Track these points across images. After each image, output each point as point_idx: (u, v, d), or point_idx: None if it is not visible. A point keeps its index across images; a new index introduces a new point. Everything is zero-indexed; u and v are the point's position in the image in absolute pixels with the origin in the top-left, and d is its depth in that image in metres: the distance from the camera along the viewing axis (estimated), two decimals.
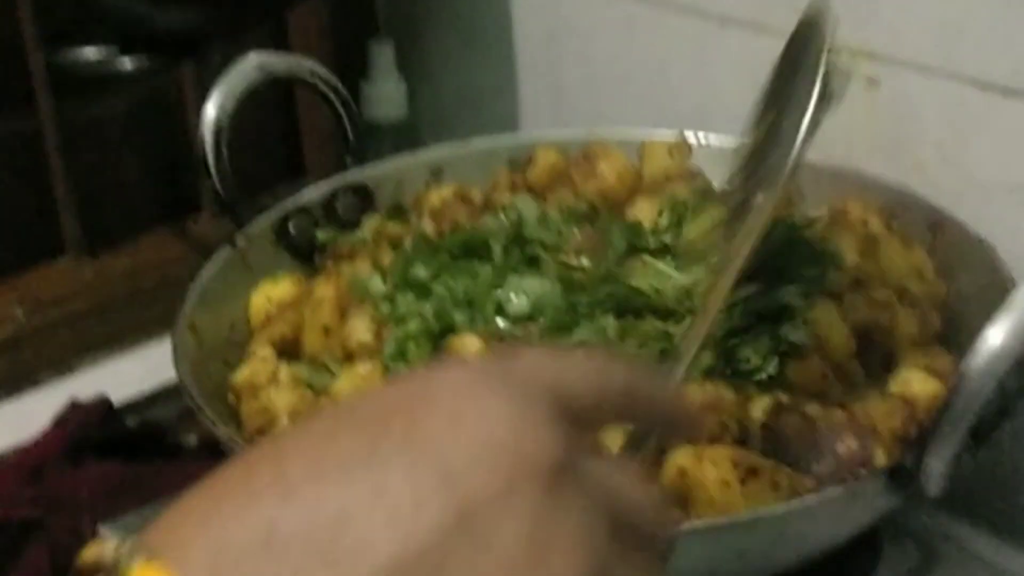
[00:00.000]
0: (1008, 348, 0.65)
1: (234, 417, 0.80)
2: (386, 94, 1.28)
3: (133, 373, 1.16)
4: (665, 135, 1.02)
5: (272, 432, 0.74)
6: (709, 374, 0.74)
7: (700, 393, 0.72)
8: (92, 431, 1.05)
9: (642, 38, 1.11)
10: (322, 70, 0.99)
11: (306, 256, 0.96)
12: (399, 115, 1.29)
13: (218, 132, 0.93)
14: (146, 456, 1.05)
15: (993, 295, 0.83)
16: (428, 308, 0.78)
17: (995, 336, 0.65)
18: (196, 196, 1.26)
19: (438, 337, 0.77)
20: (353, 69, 1.28)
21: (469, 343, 0.74)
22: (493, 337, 0.76)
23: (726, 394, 0.73)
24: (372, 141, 1.29)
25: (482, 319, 0.79)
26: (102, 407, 1.07)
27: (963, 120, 0.92)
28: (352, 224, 0.98)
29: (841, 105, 0.97)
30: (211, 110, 0.93)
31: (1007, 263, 0.86)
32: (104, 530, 0.92)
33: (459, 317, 0.78)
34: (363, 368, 0.76)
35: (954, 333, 0.86)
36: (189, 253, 1.23)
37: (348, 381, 0.76)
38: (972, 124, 0.92)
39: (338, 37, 1.27)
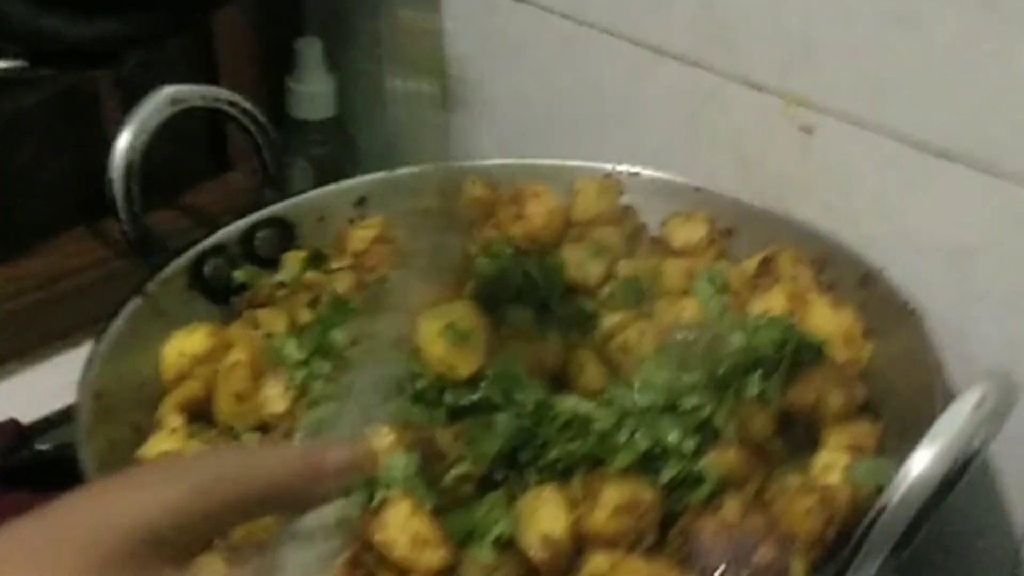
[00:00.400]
0: (931, 475, 0.64)
1: None
2: (315, 92, 1.24)
3: (47, 387, 1.12)
4: (596, 170, 1.00)
5: None
6: (626, 471, 0.73)
7: (617, 494, 0.71)
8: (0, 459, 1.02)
9: (575, 59, 1.07)
10: (240, 100, 0.95)
11: (222, 298, 0.93)
12: (327, 113, 1.26)
13: (128, 171, 0.90)
14: (60, 483, 1.03)
15: (918, 368, 0.83)
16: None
17: (919, 463, 0.64)
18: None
19: None
20: (280, 67, 1.25)
21: (383, 435, 0.72)
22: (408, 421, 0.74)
23: (644, 494, 0.71)
24: (300, 139, 1.26)
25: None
26: (10, 431, 1.04)
27: (898, 177, 0.90)
28: (271, 261, 0.95)
29: (776, 150, 0.97)
30: (121, 148, 0.89)
31: (935, 325, 0.85)
32: None
33: None
34: None
35: (878, 399, 0.85)
36: (108, 256, 1.20)
37: None
38: (906, 182, 0.90)
39: (265, 35, 1.23)
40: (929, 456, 0.64)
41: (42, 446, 1.04)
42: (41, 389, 1.12)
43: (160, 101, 0.90)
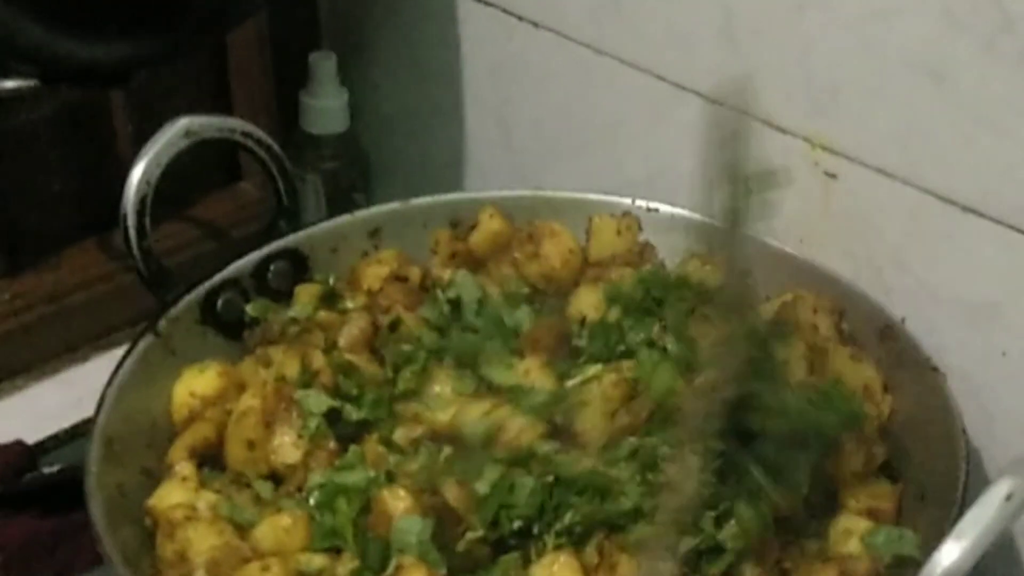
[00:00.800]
0: (959, 570, 0.64)
1: (150, 541, 0.77)
2: (328, 107, 1.22)
3: (55, 403, 1.12)
4: (614, 205, 0.99)
5: None
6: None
7: (635, 566, 0.70)
8: (5, 482, 1.01)
9: (595, 88, 1.06)
10: (255, 130, 0.94)
11: (235, 333, 0.92)
12: (340, 128, 1.24)
13: (142, 206, 0.88)
14: (67, 505, 1.02)
15: (939, 428, 0.82)
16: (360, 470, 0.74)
17: (947, 556, 0.64)
18: None
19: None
20: (294, 81, 1.23)
21: (399, 499, 0.71)
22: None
23: (663, 567, 0.71)
24: (312, 154, 1.24)
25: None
26: (16, 452, 1.03)
27: (921, 229, 0.89)
28: (285, 294, 0.94)
29: (798, 193, 0.95)
30: (134, 183, 0.88)
31: (954, 379, 0.84)
32: None
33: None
34: (285, 521, 0.73)
35: (896, 457, 0.85)
36: (117, 270, 1.18)
37: (270, 530, 0.73)
38: (930, 234, 0.88)
39: (279, 48, 1.21)
40: (958, 551, 0.63)
41: (49, 468, 1.04)
42: (49, 405, 1.11)
43: (174, 134, 0.89)
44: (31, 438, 1.04)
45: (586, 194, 1.00)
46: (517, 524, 0.72)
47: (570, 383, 0.81)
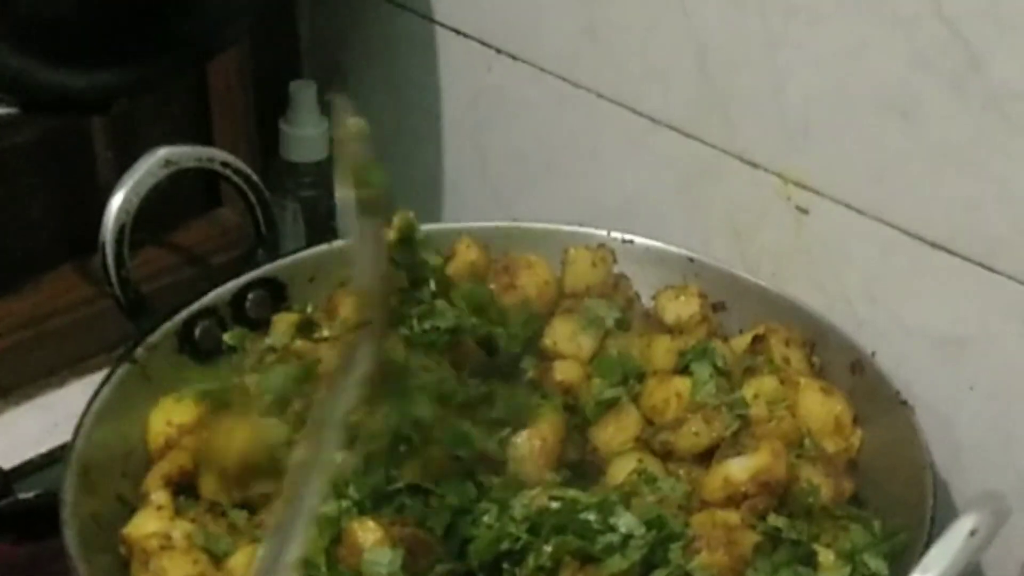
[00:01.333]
0: None
1: (125, 570, 0.78)
2: (307, 135, 1.23)
3: (31, 428, 1.12)
4: (590, 236, 1.00)
5: None
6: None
7: None
8: None
9: (572, 120, 1.07)
10: (234, 160, 0.95)
11: (213, 361, 0.92)
12: (319, 156, 1.25)
13: (120, 236, 0.89)
14: (43, 531, 1.02)
15: (906, 460, 0.83)
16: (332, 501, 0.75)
17: None
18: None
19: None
20: (274, 109, 1.24)
21: (368, 530, 0.72)
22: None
23: None
24: (291, 181, 1.25)
25: None
26: None
27: (891, 264, 0.90)
28: (263, 323, 0.95)
29: (771, 227, 0.97)
30: (113, 212, 0.89)
31: (923, 411, 0.85)
32: None
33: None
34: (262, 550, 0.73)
35: (866, 489, 0.86)
36: (95, 295, 1.19)
37: (245, 560, 0.74)
38: (900, 270, 0.90)
39: (259, 77, 1.22)
40: None
41: (25, 494, 1.04)
42: (26, 430, 1.11)
43: (154, 163, 0.89)
44: (7, 463, 1.04)
45: (561, 225, 1.01)
46: (486, 557, 0.73)
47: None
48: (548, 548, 0.73)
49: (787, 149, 0.93)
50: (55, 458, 1.06)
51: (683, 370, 0.90)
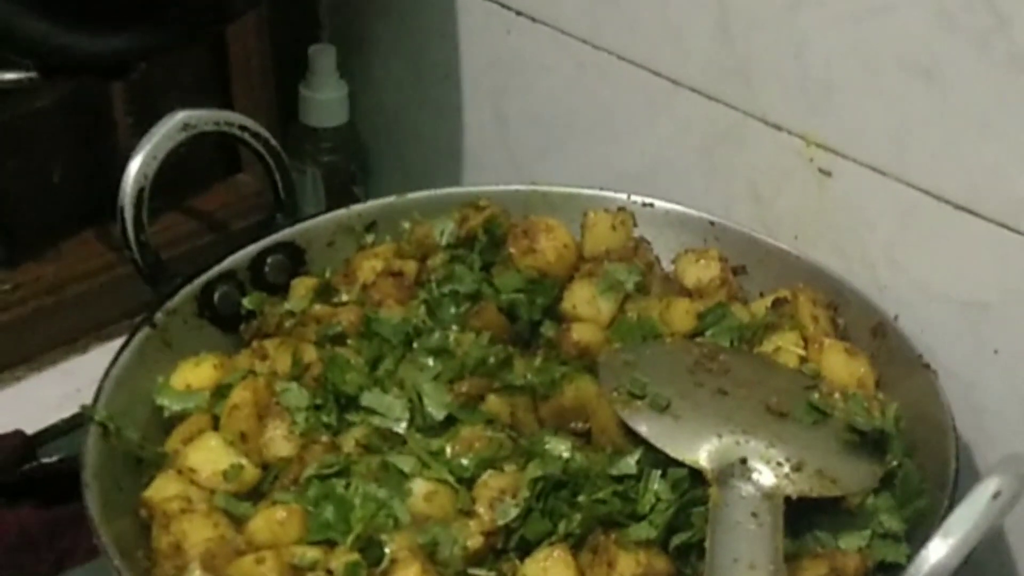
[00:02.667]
0: (946, 567, 0.64)
1: (145, 533, 0.78)
2: (327, 100, 1.23)
3: (54, 394, 1.12)
4: (609, 200, 0.99)
5: None
6: (648, 544, 0.73)
7: (634, 563, 0.71)
8: (3, 472, 1.01)
9: (592, 83, 1.06)
10: (253, 124, 0.94)
11: (232, 326, 0.92)
12: (339, 120, 1.24)
13: (139, 200, 0.88)
14: (66, 496, 1.02)
15: (929, 424, 0.83)
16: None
17: (935, 553, 0.64)
18: None
19: None
20: (293, 73, 1.23)
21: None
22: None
23: (660, 564, 0.71)
24: (311, 146, 1.25)
25: None
26: (15, 442, 1.04)
27: (914, 226, 0.89)
28: (281, 288, 0.94)
29: (793, 190, 0.96)
30: (132, 176, 0.88)
31: (945, 375, 0.85)
32: None
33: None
34: (280, 514, 0.74)
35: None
36: (116, 261, 1.19)
37: (265, 523, 0.74)
38: (923, 232, 0.89)
39: (278, 41, 1.21)
40: (945, 548, 0.64)
41: (47, 458, 1.04)
42: (48, 396, 1.11)
43: (172, 127, 0.89)
44: (30, 428, 1.04)
45: (581, 189, 1.00)
46: (515, 512, 0.73)
47: None
48: (578, 516, 0.73)
49: (809, 111, 0.92)
50: (77, 423, 1.06)
51: (701, 333, 0.90)
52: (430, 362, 0.82)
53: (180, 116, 0.90)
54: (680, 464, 0.76)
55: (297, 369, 0.84)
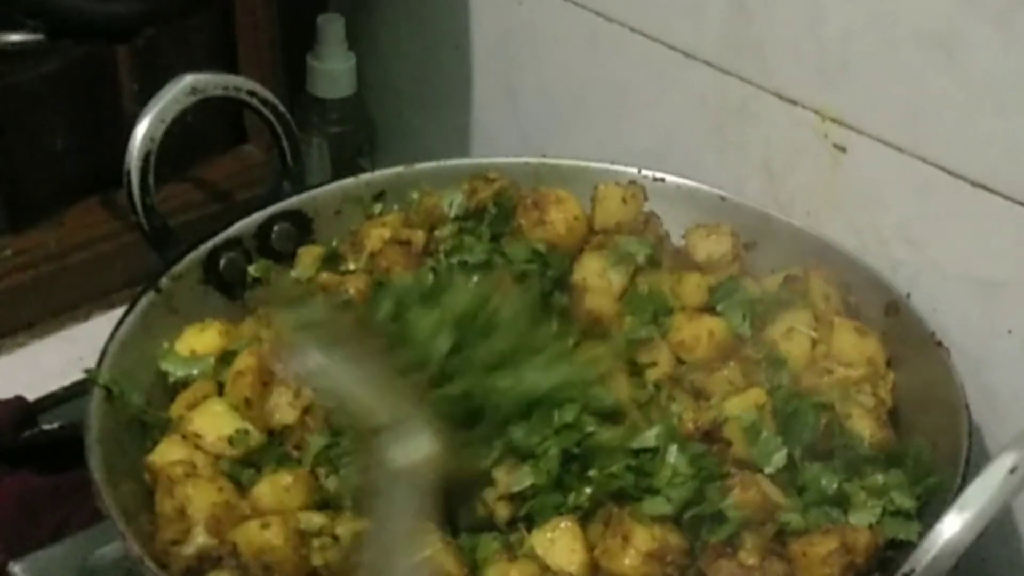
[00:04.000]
0: (961, 541, 0.64)
1: (149, 497, 0.77)
2: (335, 70, 1.22)
3: (55, 361, 1.11)
4: (620, 174, 0.98)
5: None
6: (663, 520, 0.72)
7: (649, 538, 0.70)
8: (4, 438, 1.00)
9: (604, 56, 1.05)
10: (260, 89, 0.93)
11: (237, 293, 0.91)
12: (347, 91, 1.23)
13: (145, 163, 0.88)
14: (66, 463, 1.01)
15: (941, 402, 0.82)
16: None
17: (950, 527, 0.64)
18: None
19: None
20: (301, 43, 1.22)
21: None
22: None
23: (674, 540, 0.71)
24: (318, 117, 1.23)
25: None
26: (16, 408, 1.03)
27: (930, 204, 0.88)
28: (287, 256, 0.94)
29: (807, 166, 0.95)
30: (139, 139, 0.87)
31: (958, 355, 0.84)
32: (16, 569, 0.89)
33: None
34: (285, 480, 0.73)
35: (899, 432, 0.84)
36: (121, 229, 1.18)
37: (270, 489, 0.73)
38: (938, 210, 0.88)
39: (286, 10, 1.20)
40: (960, 522, 0.63)
41: (48, 425, 1.03)
42: (50, 363, 1.11)
43: (179, 91, 0.88)
44: (31, 395, 1.03)
45: (591, 162, 0.99)
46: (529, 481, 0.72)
47: None
48: (588, 490, 0.72)
49: (825, 85, 0.91)
50: (78, 391, 1.06)
51: (713, 308, 0.89)
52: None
53: (188, 79, 0.89)
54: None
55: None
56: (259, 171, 1.23)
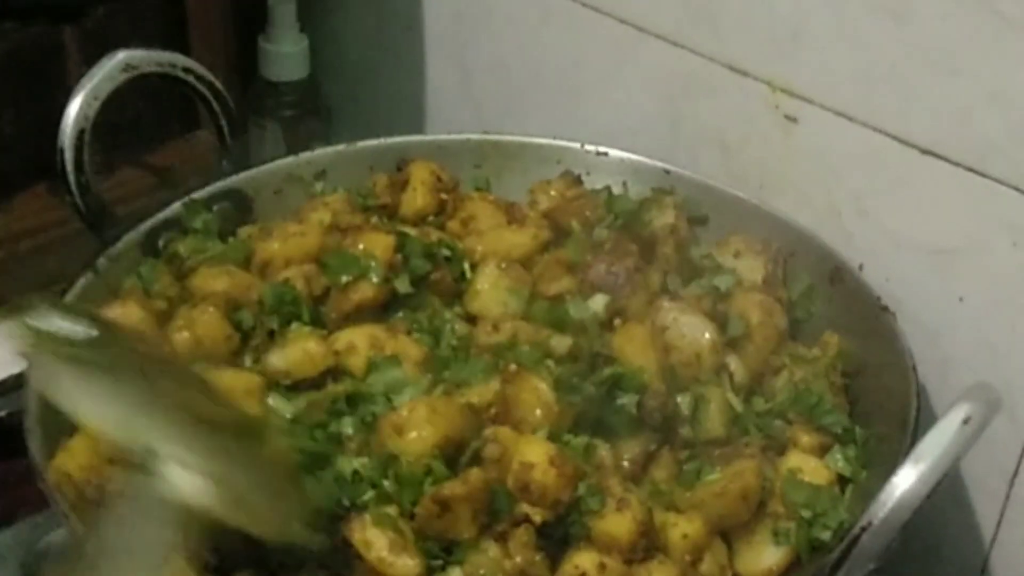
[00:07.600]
0: (916, 494, 0.63)
1: None
2: (287, 53, 1.20)
3: (2, 351, 1.09)
4: (563, 149, 0.97)
5: None
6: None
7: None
8: None
9: (556, 32, 1.03)
10: (196, 66, 0.91)
11: (175, 274, 0.89)
12: (299, 74, 1.21)
13: (79, 141, 0.85)
14: (12, 451, 0.99)
15: (889, 366, 0.80)
16: None
17: (904, 481, 0.63)
18: None
19: None
20: (252, 26, 1.20)
21: None
22: None
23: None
24: (271, 101, 1.21)
25: None
26: None
27: (881, 172, 0.87)
28: (228, 236, 0.91)
29: (758, 137, 0.93)
30: (72, 117, 0.85)
31: (912, 324, 0.82)
32: None
33: None
34: None
35: (852, 401, 0.83)
36: (68, 216, 1.15)
37: None
38: (890, 178, 0.86)
39: None
40: (914, 476, 0.62)
41: None
42: None
43: (113, 67, 0.86)
44: None
45: (534, 137, 0.98)
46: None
47: None
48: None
49: (776, 55, 0.89)
50: (24, 381, 1.04)
51: None
52: None
53: (121, 56, 0.87)
54: None
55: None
56: (211, 157, 1.20)
